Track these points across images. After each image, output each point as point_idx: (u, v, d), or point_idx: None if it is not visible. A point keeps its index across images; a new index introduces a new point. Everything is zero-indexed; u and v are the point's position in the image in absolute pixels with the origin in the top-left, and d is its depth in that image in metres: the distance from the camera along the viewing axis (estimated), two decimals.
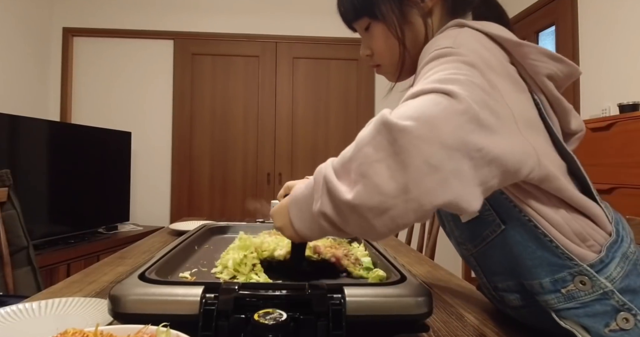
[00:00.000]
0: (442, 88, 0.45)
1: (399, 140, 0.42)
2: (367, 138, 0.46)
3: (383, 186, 0.43)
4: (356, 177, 0.45)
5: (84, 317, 0.64)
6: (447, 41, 0.55)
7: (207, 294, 0.50)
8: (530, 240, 0.56)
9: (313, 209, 0.50)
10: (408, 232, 1.89)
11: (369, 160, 0.44)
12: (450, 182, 0.42)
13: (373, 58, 0.73)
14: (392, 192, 0.43)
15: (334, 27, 3.22)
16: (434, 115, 0.43)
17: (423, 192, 0.42)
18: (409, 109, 0.45)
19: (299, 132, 3.26)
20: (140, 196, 3.17)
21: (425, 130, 0.42)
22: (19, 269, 1.47)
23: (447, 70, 0.49)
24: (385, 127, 0.44)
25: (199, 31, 3.21)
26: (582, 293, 0.54)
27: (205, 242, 0.97)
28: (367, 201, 0.44)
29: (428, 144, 0.42)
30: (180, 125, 3.20)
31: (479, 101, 0.45)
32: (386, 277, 0.67)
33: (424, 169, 0.42)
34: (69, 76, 3.13)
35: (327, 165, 0.50)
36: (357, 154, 0.46)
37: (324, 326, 0.49)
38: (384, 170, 0.43)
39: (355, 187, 0.45)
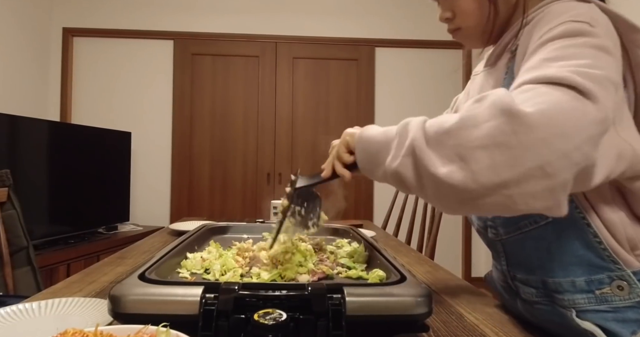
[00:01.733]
0: (583, 86, 0.40)
1: (520, 135, 0.39)
2: (479, 118, 0.41)
3: (481, 176, 0.40)
4: (452, 156, 0.42)
5: (84, 317, 0.64)
6: (579, 12, 0.50)
7: (207, 294, 0.50)
8: (577, 238, 0.54)
9: (386, 162, 0.49)
10: (408, 232, 1.89)
11: (473, 144, 0.41)
12: (557, 192, 0.40)
13: (454, 21, 0.67)
14: (489, 185, 0.41)
15: (334, 27, 3.24)
16: (569, 121, 0.39)
17: (524, 195, 0.40)
18: (539, 100, 0.40)
19: (299, 132, 3.26)
20: (140, 196, 3.17)
21: (554, 134, 0.38)
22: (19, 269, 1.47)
23: (585, 58, 0.44)
24: (505, 114, 0.40)
25: (199, 31, 3.21)
26: (617, 298, 0.53)
27: (205, 242, 0.97)
28: (459, 184, 0.42)
29: (551, 151, 0.38)
30: (180, 125, 3.20)
31: (613, 107, 0.42)
32: (386, 277, 0.67)
33: (536, 173, 0.39)
34: (69, 76, 3.13)
35: (417, 125, 0.47)
36: (460, 133, 0.42)
37: (324, 326, 0.49)
38: (486, 159, 0.40)
39: (448, 166, 0.42)
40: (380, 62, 3.33)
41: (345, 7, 3.27)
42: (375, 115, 3.30)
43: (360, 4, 3.28)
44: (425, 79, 3.30)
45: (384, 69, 3.33)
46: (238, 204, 3.21)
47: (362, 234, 1.00)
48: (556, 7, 0.54)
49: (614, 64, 0.46)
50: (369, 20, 3.29)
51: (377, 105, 3.31)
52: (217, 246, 0.86)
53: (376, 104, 3.32)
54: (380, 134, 0.54)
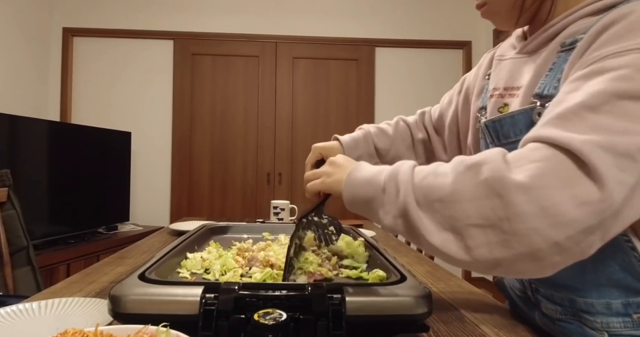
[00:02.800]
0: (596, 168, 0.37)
1: (513, 223, 0.39)
2: (470, 194, 0.41)
3: (476, 252, 0.42)
4: (446, 225, 0.43)
5: (84, 317, 0.64)
6: None
7: (207, 294, 0.50)
8: (617, 259, 0.51)
9: (379, 216, 0.49)
10: None
11: (468, 221, 0.41)
12: (546, 270, 0.41)
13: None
14: (483, 260, 0.42)
15: (334, 27, 3.24)
16: (565, 213, 0.37)
17: (514, 272, 0.42)
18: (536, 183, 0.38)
19: (299, 132, 3.26)
20: (140, 196, 3.16)
21: (546, 224, 0.38)
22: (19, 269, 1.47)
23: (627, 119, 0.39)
24: (498, 196, 0.39)
25: (199, 31, 3.21)
26: None
27: (205, 242, 0.97)
28: (454, 254, 0.43)
29: (542, 240, 0.38)
30: (180, 125, 3.20)
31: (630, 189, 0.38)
32: (386, 277, 0.67)
33: (526, 256, 0.40)
34: (69, 76, 3.13)
35: (405, 184, 0.46)
36: (453, 205, 0.42)
37: (324, 326, 0.49)
38: (481, 237, 0.41)
39: (443, 234, 0.43)
40: (380, 62, 3.33)
41: (345, 7, 3.27)
42: (375, 115, 3.30)
43: (360, 4, 3.28)
44: (425, 79, 3.30)
45: (384, 69, 3.33)
46: (238, 204, 3.21)
47: (362, 234, 1.00)
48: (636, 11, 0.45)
49: None
50: (369, 20, 3.29)
51: (377, 105, 3.31)
52: (217, 246, 0.86)
53: (376, 104, 3.32)
54: (366, 182, 0.52)
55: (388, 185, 0.49)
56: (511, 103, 0.61)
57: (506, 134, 0.60)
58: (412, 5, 3.31)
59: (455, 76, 3.26)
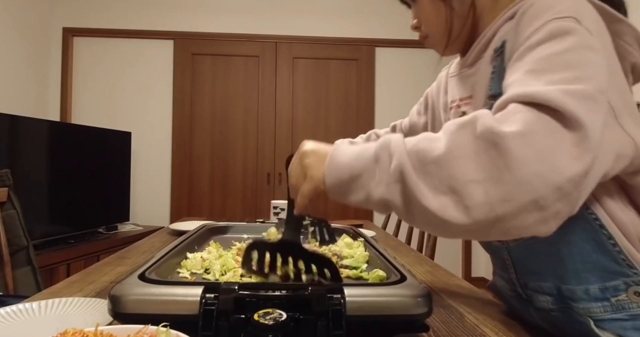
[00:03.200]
0: (570, 111, 0.39)
1: (514, 170, 0.38)
2: (467, 149, 0.41)
3: (476, 212, 0.40)
4: (443, 188, 0.41)
5: (84, 317, 0.64)
6: (564, 7, 0.48)
7: (207, 294, 0.50)
8: (589, 241, 0.52)
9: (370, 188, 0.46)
10: (408, 232, 1.89)
11: (466, 177, 0.40)
12: (549, 222, 0.41)
13: (421, 30, 0.70)
14: (484, 220, 0.41)
15: (334, 27, 3.24)
16: (559, 154, 0.39)
17: (518, 227, 0.41)
18: (528, 130, 0.39)
19: (299, 132, 3.26)
20: (140, 196, 3.17)
21: (546, 168, 0.38)
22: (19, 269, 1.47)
23: (572, 68, 0.43)
24: (496, 147, 0.39)
25: (199, 31, 3.21)
26: (635, 305, 0.51)
27: (205, 242, 0.97)
28: (452, 217, 0.41)
29: (544, 184, 0.38)
30: (180, 125, 3.20)
31: (602, 126, 0.41)
32: (386, 277, 0.67)
33: (529, 206, 0.39)
34: (69, 76, 3.13)
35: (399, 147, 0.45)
36: (449, 163, 0.41)
37: (324, 326, 0.49)
38: (480, 193, 0.40)
39: (440, 198, 0.42)
40: (380, 62, 3.33)
41: (345, 7, 3.27)
42: (375, 115, 3.30)
43: (360, 4, 3.28)
44: (425, 79, 3.29)
45: (384, 69, 3.33)
46: (238, 204, 3.21)
47: (362, 234, 1.00)
48: (539, 2, 0.52)
49: (600, 63, 0.45)
50: (369, 20, 3.29)
51: (377, 105, 3.31)
52: (217, 246, 0.86)
53: (376, 104, 3.32)
54: (354, 158, 0.49)
55: (381, 154, 0.46)
56: (468, 110, 0.67)
57: None
58: None
59: None
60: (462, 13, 0.63)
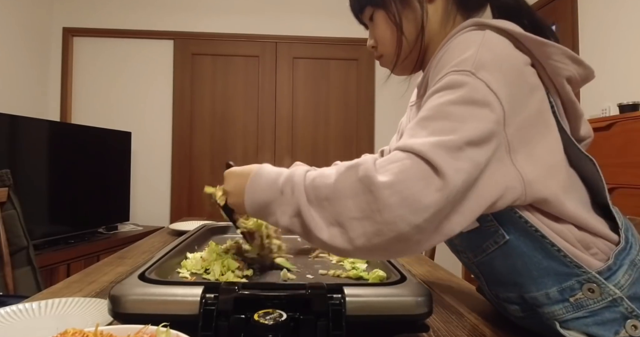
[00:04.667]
0: (435, 161, 0.46)
1: (382, 213, 0.46)
2: (350, 191, 0.49)
3: (356, 241, 0.48)
4: (332, 221, 0.49)
5: (84, 317, 0.64)
6: (467, 55, 0.53)
7: (207, 294, 0.50)
8: (536, 250, 0.55)
9: (277, 217, 0.54)
10: None
11: (349, 215, 0.48)
12: (411, 247, 0.49)
13: (377, 48, 0.74)
14: (363, 248, 0.49)
15: (334, 27, 3.24)
16: (419, 200, 0.46)
17: (390, 251, 0.49)
18: (399, 178, 0.47)
19: (299, 132, 3.26)
20: (140, 196, 3.16)
21: (408, 212, 0.46)
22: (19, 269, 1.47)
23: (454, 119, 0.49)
24: (371, 192, 0.47)
25: (199, 31, 3.21)
26: (591, 301, 0.53)
27: (205, 242, 0.97)
28: (339, 245, 0.49)
29: (406, 224, 0.46)
30: (180, 125, 3.20)
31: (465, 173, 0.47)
32: (386, 277, 0.67)
33: (395, 239, 0.47)
34: (69, 76, 3.13)
35: (299, 185, 0.52)
36: (337, 201, 0.49)
37: (324, 326, 0.49)
38: (359, 228, 0.48)
39: (330, 229, 0.50)
40: None
41: (345, 7, 3.22)
42: (375, 115, 3.30)
43: None
44: None
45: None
46: None
47: None
48: (455, 44, 0.57)
49: (483, 115, 0.50)
50: None
51: (377, 105, 3.31)
52: (217, 246, 0.86)
53: (376, 104, 3.32)
54: (267, 186, 0.56)
55: (285, 187, 0.54)
56: None
57: None
58: None
59: None
60: (411, 38, 0.68)
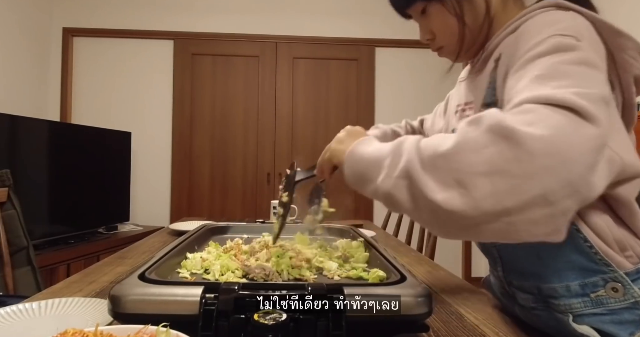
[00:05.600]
0: (583, 109, 0.39)
1: (523, 163, 0.38)
2: (477, 143, 0.41)
3: (482, 203, 0.40)
4: (450, 181, 0.41)
5: (84, 317, 0.64)
6: (565, 25, 0.49)
7: (207, 294, 0.50)
8: (567, 243, 0.53)
9: (378, 181, 0.48)
10: (408, 232, 1.89)
11: (473, 170, 0.40)
12: (558, 218, 0.40)
13: (435, 41, 0.71)
14: (491, 212, 0.40)
15: (334, 27, 3.24)
16: (572, 148, 0.38)
17: (526, 221, 0.40)
18: (542, 124, 0.39)
19: (299, 132, 3.26)
20: (140, 196, 3.16)
21: (558, 161, 0.37)
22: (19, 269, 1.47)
23: (578, 78, 0.43)
24: (506, 139, 0.39)
25: (199, 31, 3.21)
26: (613, 300, 0.53)
27: (205, 242, 0.97)
28: (458, 210, 0.41)
29: (555, 179, 0.38)
30: (180, 125, 3.20)
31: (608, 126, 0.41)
32: (386, 277, 0.67)
33: (538, 201, 0.38)
34: (69, 76, 3.13)
35: (411, 145, 0.46)
36: (457, 157, 0.41)
37: (324, 326, 0.49)
38: (487, 186, 0.39)
39: (447, 191, 0.41)
40: (380, 62, 3.33)
41: (345, 7, 3.27)
42: (375, 115, 3.30)
43: (360, 4, 3.28)
44: (425, 79, 3.30)
45: (384, 69, 3.33)
46: (238, 204, 3.21)
47: (362, 234, 1.00)
48: (540, 18, 0.54)
49: (602, 78, 0.46)
50: (369, 20, 3.29)
51: (377, 105, 3.31)
52: (217, 246, 0.87)
53: (376, 104, 3.31)
54: (372, 151, 0.52)
55: (394, 151, 0.48)
56: (470, 114, 0.69)
57: None
58: None
59: (455, 76, 3.24)
60: (475, 27, 0.65)
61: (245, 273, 0.71)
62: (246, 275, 0.71)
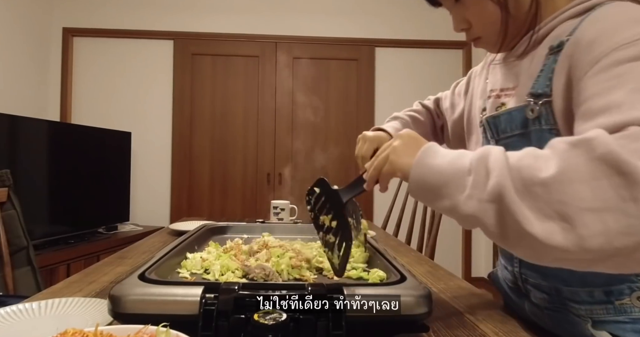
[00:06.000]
0: None
1: None
2: (582, 173, 0.37)
3: (589, 242, 0.37)
4: (550, 212, 0.38)
5: (84, 317, 0.64)
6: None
7: (207, 294, 0.50)
8: None
9: (459, 201, 0.44)
10: (408, 232, 1.89)
11: (581, 205, 0.37)
12: None
13: (471, 31, 0.65)
14: (598, 251, 0.37)
15: (334, 27, 3.24)
16: None
17: (632, 262, 0.38)
18: None
19: (299, 132, 3.26)
20: (140, 196, 3.16)
21: None
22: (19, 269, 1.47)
23: None
24: (620, 174, 0.36)
25: (199, 31, 3.21)
26: (637, 309, 0.53)
27: (205, 242, 0.97)
28: (560, 246, 0.38)
29: None
30: (180, 125, 3.20)
31: None
32: (386, 277, 0.67)
33: None
34: (69, 76, 3.13)
35: (501, 164, 0.42)
36: (560, 187, 0.38)
37: (324, 326, 0.49)
38: (597, 224, 0.36)
39: (546, 222, 0.38)
40: (380, 62, 3.33)
41: (345, 7, 3.27)
42: (375, 115, 3.30)
43: (360, 4, 3.28)
44: (425, 79, 3.30)
45: (384, 69, 3.33)
46: (238, 204, 3.21)
47: None
48: (621, 10, 0.49)
49: None
50: (369, 20, 3.29)
51: (377, 105, 3.31)
52: (216, 246, 0.86)
53: (376, 104, 3.31)
54: (445, 165, 0.47)
55: (477, 166, 0.44)
56: (507, 102, 0.65)
57: (504, 129, 0.64)
58: (412, 6, 3.31)
59: (455, 76, 3.23)
60: (520, 14, 0.60)
61: (245, 273, 0.71)
62: (246, 275, 0.71)
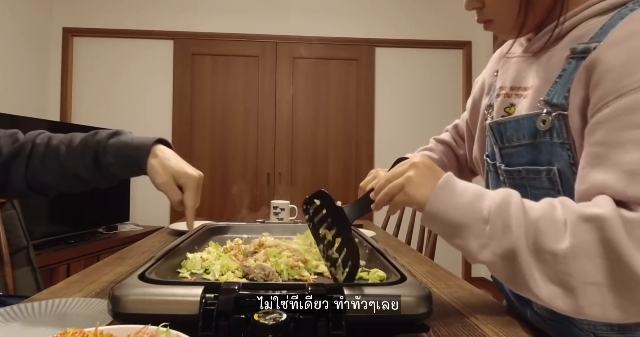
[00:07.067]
0: None
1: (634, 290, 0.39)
2: (590, 250, 0.40)
3: (587, 311, 0.41)
4: (555, 279, 0.42)
5: (84, 317, 0.64)
6: None
7: (207, 294, 0.50)
8: None
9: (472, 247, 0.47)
10: (408, 232, 1.89)
11: (583, 278, 0.40)
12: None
13: (483, 11, 0.59)
14: (592, 316, 0.41)
15: (334, 27, 3.24)
16: None
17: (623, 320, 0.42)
18: None
19: (299, 132, 3.26)
20: (140, 196, 3.16)
21: None
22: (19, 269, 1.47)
23: None
24: (619, 261, 0.39)
25: (199, 31, 3.21)
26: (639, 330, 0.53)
27: (205, 242, 0.97)
28: (559, 307, 0.42)
29: None
30: (180, 125, 3.20)
31: None
32: (386, 277, 0.67)
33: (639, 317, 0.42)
34: (69, 76, 3.13)
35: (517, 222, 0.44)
36: (568, 260, 0.41)
37: (324, 326, 0.49)
38: (596, 297, 0.40)
39: (551, 286, 0.42)
40: (380, 62, 3.33)
41: (345, 7, 3.27)
42: (375, 115, 3.30)
43: (360, 4, 3.28)
44: (425, 79, 3.30)
45: (384, 69, 3.33)
46: (238, 204, 3.21)
47: (362, 234, 1.00)
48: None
49: None
50: (369, 20, 3.29)
51: (377, 105, 3.31)
52: (217, 246, 0.86)
53: (376, 104, 3.31)
54: (464, 205, 0.48)
55: (495, 218, 0.45)
56: (518, 104, 0.60)
57: (509, 138, 0.60)
58: (412, 5, 3.31)
59: (455, 76, 3.25)
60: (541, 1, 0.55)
61: (245, 273, 0.71)
62: (246, 275, 0.71)
